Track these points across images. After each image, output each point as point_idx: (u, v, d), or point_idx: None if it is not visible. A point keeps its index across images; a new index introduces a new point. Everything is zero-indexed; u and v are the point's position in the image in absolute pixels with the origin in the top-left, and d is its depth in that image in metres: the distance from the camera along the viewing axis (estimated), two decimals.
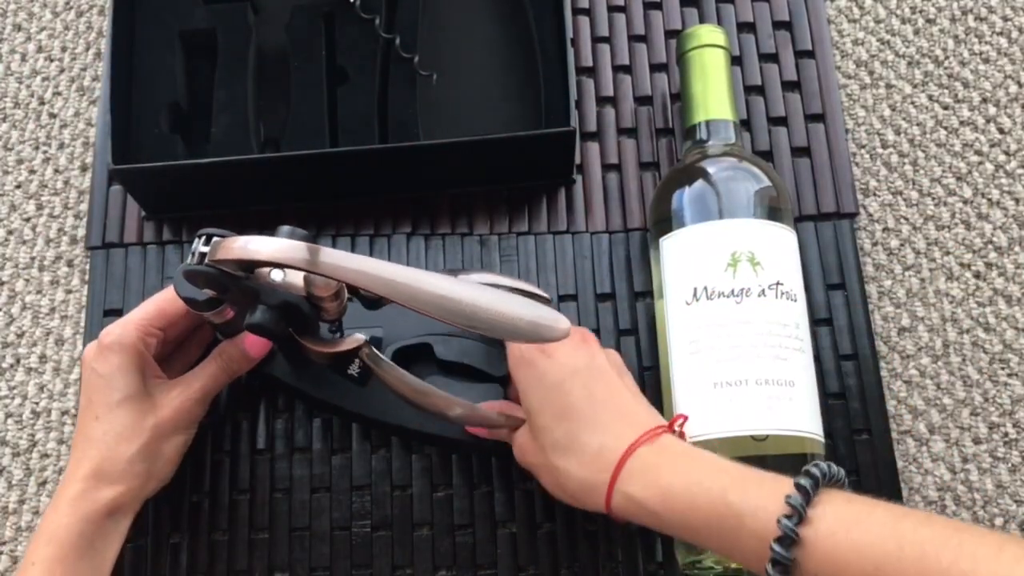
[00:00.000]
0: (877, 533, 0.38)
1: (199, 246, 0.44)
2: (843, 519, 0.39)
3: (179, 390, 0.51)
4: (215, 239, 0.44)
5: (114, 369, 0.49)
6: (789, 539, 0.39)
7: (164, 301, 0.51)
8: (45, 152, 0.65)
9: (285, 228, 0.45)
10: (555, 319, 0.42)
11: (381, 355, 0.49)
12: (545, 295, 0.54)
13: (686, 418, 0.49)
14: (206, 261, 0.44)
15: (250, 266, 0.44)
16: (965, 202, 0.62)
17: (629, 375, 0.50)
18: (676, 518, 0.43)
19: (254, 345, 0.53)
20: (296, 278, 0.45)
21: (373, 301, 0.47)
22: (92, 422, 0.49)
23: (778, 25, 0.66)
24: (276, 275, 0.45)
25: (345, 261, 0.42)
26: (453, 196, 0.62)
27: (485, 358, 0.54)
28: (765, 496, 0.41)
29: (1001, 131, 0.63)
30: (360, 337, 0.48)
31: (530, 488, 0.55)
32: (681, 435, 0.48)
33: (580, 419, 0.46)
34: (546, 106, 0.61)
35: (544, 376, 0.47)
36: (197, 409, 0.52)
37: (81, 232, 0.62)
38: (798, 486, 0.40)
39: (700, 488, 0.42)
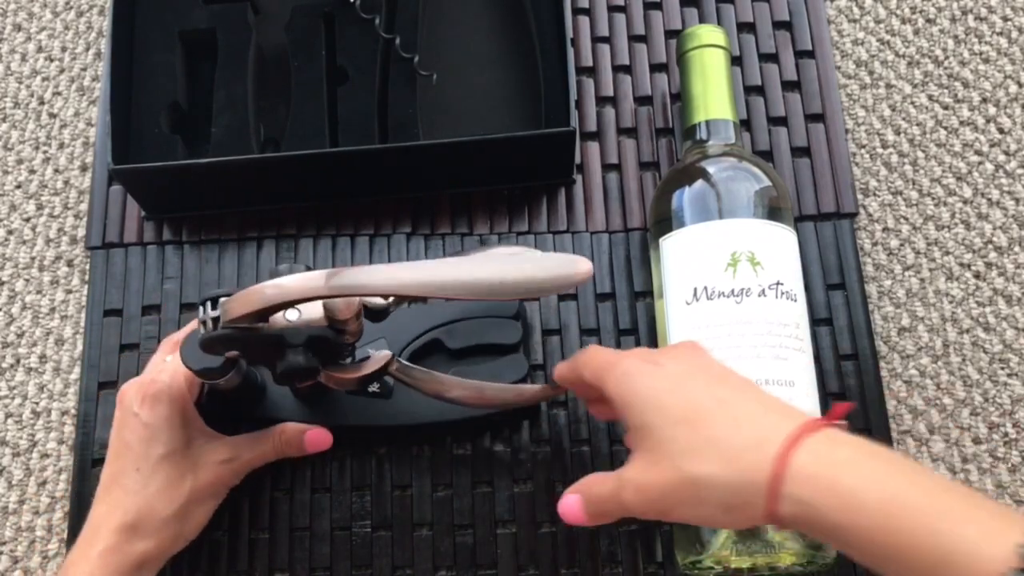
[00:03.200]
0: None
1: (208, 312, 0.44)
2: None
3: (223, 455, 0.50)
4: (221, 300, 0.44)
5: (161, 420, 0.48)
6: None
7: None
8: (45, 152, 0.65)
9: (283, 266, 0.44)
10: (572, 261, 0.40)
11: (411, 364, 0.49)
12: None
13: (852, 406, 0.40)
14: (221, 324, 0.43)
15: (267, 314, 0.43)
16: (965, 202, 0.62)
17: (752, 381, 0.43)
18: (864, 538, 0.35)
19: (313, 442, 0.52)
20: (313, 311, 0.44)
21: (379, 312, 0.47)
22: (132, 472, 0.48)
23: (778, 25, 0.66)
24: (291, 315, 0.44)
25: (366, 276, 0.41)
26: (453, 196, 0.62)
27: (495, 331, 0.55)
28: (990, 535, 0.32)
29: (1001, 131, 0.63)
30: (386, 353, 0.48)
31: (530, 488, 0.55)
32: (847, 428, 0.39)
33: (714, 417, 0.38)
34: (546, 106, 0.61)
35: (655, 382, 0.40)
36: (235, 480, 0.51)
37: (81, 232, 0.62)
38: None
39: (898, 505, 0.34)
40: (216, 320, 0.43)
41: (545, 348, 0.58)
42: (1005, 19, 0.66)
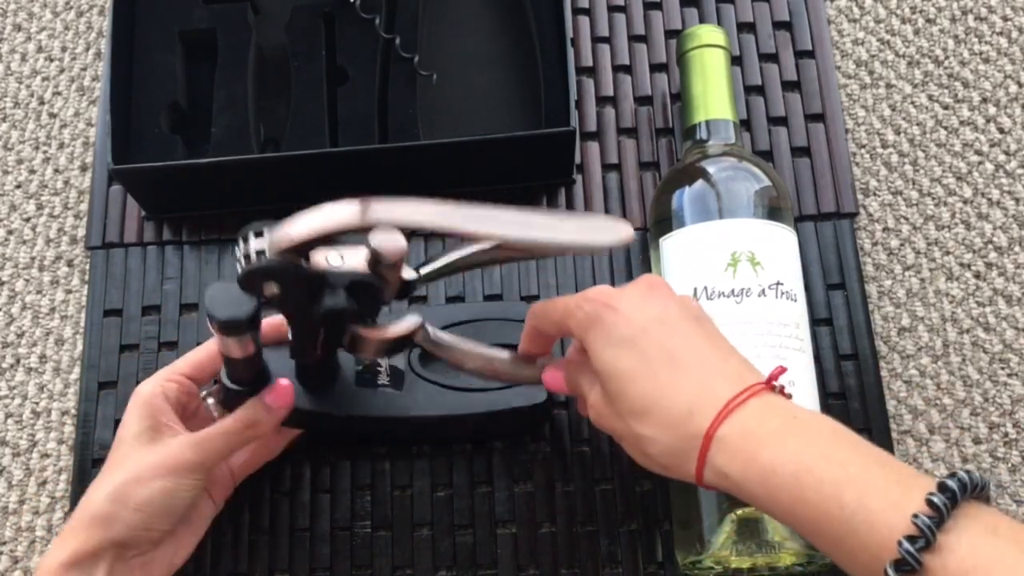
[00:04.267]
0: None
1: (251, 245, 0.41)
2: (982, 554, 0.32)
3: (181, 438, 0.48)
4: (267, 230, 0.41)
5: (124, 421, 0.48)
6: (909, 567, 0.32)
7: (197, 350, 0.50)
8: (45, 152, 0.65)
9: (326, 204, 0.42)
10: (615, 224, 0.40)
11: (439, 331, 0.47)
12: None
13: (784, 370, 0.41)
14: (269, 253, 0.41)
15: (308, 248, 0.42)
16: (965, 202, 0.62)
17: (710, 321, 0.44)
18: (781, 508, 0.37)
19: (277, 396, 0.48)
20: (356, 259, 0.43)
21: (407, 286, 0.45)
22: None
23: (778, 25, 0.66)
24: (334, 260, 0.43)
25: (409, 208, 0.41)
26: (453, 196, 0.61)
27: (515, 334, 0.52)
28: (889, 505, 0.34)
29: (1001, 131, 0.63)
30: (416, 318, 0.46)
31: (530, 488, 0.55)
32: (782, 392, 0.41)
33: (659, 380, 0.40)
34: (546, 106, 0.61)
35: (611, 334, 0.42)
36: (189, 455, 0.46)
37: (81, 232, 0.62)
38: (930, 502, 0.33)
39: (810, 478, 0.36)
40: (260, 254, 0.41)
41: None
42: (1005, 19, 0.66)
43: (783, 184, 0.56)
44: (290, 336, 0.47)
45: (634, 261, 0.60)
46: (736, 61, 0.64)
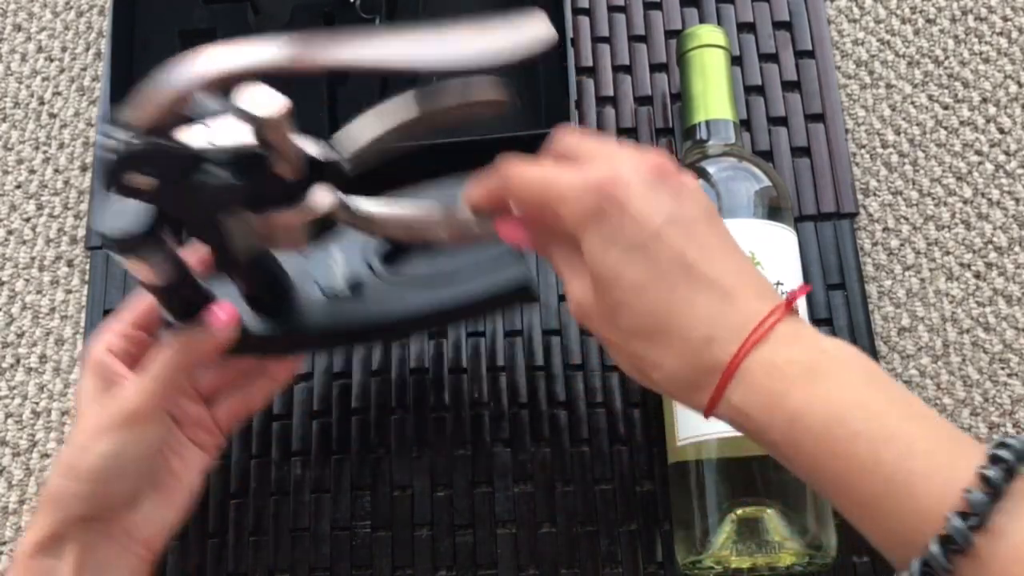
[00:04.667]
0: None
1: (113, 135, 0.35)
2: None
3: (113, 390, 0.43)
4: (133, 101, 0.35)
5: (77, 388, 0.44)
6: (956, 547, 0.28)
7: (137, 296, 0.46)
8: (45, 152, 0.65)
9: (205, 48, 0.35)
10: (525, 23, 0.35)
11: (361, 200, 0.42)
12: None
13: (808, 288, 0.38)
14: (127, 128, 0.35)
15: (170, 127, 0.36)
16: (965, 202, 0.62)
17: (719, 220, 0.38)
18: (802, 459, 0.33)
19: (217, 315, 0.43)
20: (231, 128, 0.37)
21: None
22: None
23: (778, 25, 0.66)
24: (199, 136, 0.37)
25: (267, 44, 0.34)
26: None
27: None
28: (935, 470, 0.30)
29: (1001, 131, 0.63)
30: (327, 195, 0.40)
31: (530, 488, 0.55)
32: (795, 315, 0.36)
33: (673, 296, 0.35)
34: (546, 106, 0.61)
35: (618, 236, 0.36)
36: (121, 404, 0.42)
37: (81, 232, 0.62)
38: (983, 476, 0.29)
39: (843, 430, 0.32)
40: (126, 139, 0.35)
41: (547, 350, 0.58)
42: (1005, 19, 0.66)
43: (783, 184, 0.56)
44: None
45: None
46: (736, 61, 0.64)
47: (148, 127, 0.35)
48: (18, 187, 0.64)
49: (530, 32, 0.37)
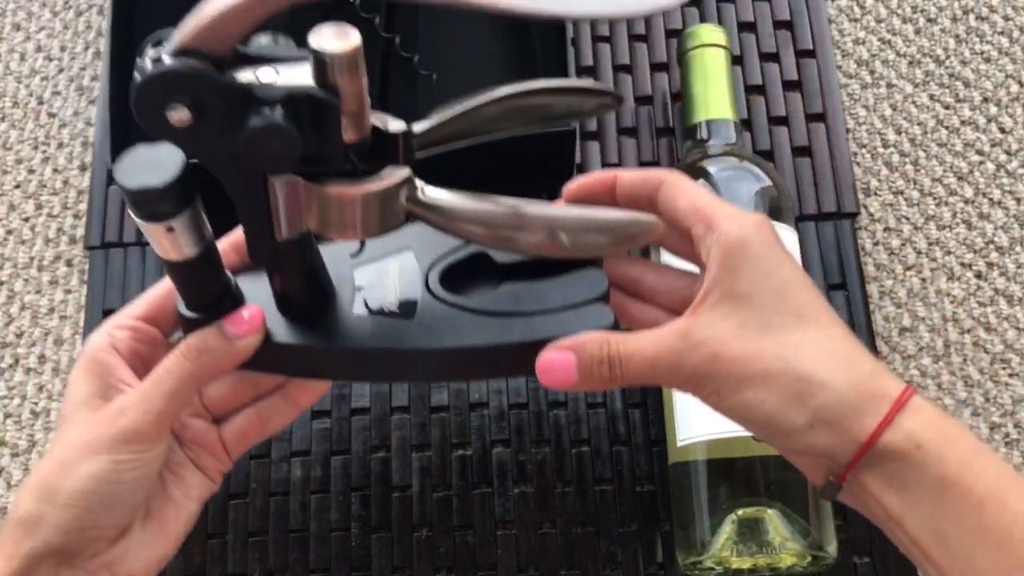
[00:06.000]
0: None
1: (148, 55, 0.31)
2: None
3: (114, 402, 0.37)
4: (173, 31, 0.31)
5: (68, 387, 0.38)
6: None
7: (154, 287, 0.40)
8: (44, 152, 0.65)
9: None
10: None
11: (430, 186, 0.36)
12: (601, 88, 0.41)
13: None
14: (169, 53, 0.31)
15: (232, 52, 0.31)
16: (966, 202, 0.61)
17: None
18: (964, 503, 0.32)
19: (238, 320, 0.37)
20: (299, 73, 0.32)
21: (386, 139, 0.35)
22: None
23: (779, 24, 0.65)
24: (264, 73, 0.32)
25: None
26: None
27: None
28: None
29: (1002, 131, 0.63)
30: (400, 171, 0.35)
31: (530, 489, 0.55)
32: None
33: (832, 331, 0.36)
34: None
35: (779, 270, 0.36)
36: (122, 422, 0.36)
37: (80, 232, 0.62)
38: None
39: (1013, 482, 0.32)
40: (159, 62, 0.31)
41: None
42: (1006, 18, 0.66)
43: (784, 184, 0.56)
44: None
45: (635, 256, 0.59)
46: (737, 61, 0.64)
47: (197, 51, 0.30)
48: (17, 187, 0.64)
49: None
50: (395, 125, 0.35)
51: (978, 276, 0.60)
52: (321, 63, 0.31)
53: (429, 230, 0.37)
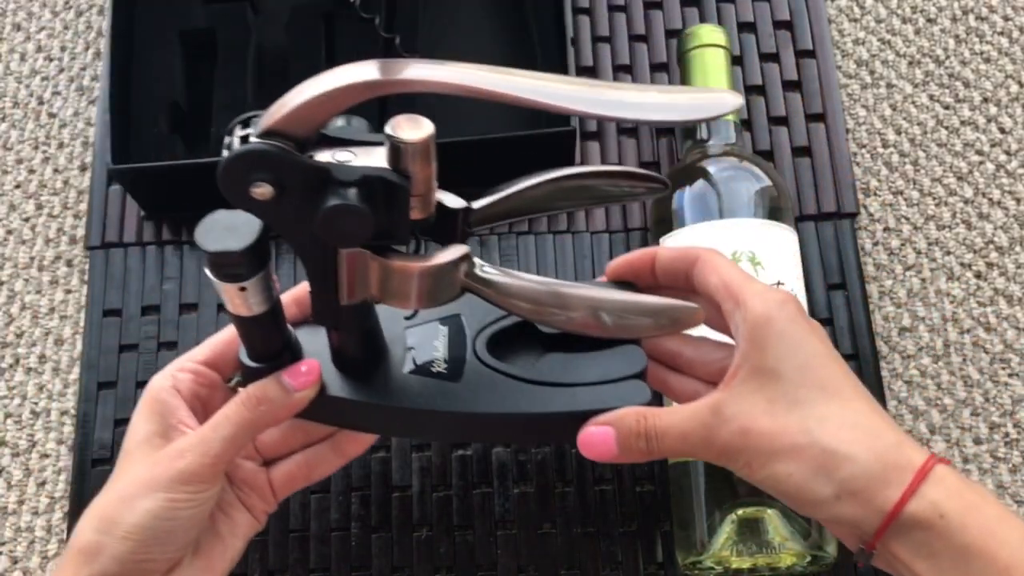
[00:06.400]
0: None
1: (237, 134, 0.34)
2: None
3: (174, 443, 0.40)
4: (258, 115, 0.34)
5: (131, 424, 0.41)
6: None
7: (218, 333, 0.43)
8: (44, 152, 0.65)
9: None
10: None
11: (486, 264, 0.39)
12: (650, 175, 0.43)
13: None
14: (256, 135, 0.33)
15: (311, 137, 0.34)
16: (966, 202, 0.61)
17: None
18: (988, 569, 0.33)
19: (297, 373, 0.40)
20: (373, 156, 0.35)
21: (448, 215, 0.38)
22: None
23: (779, 25, 0.66)
24: (341, 155, 0.34)
25: (474, 70, 0.33)
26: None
27: None
28: None
29: (1002, 131, 0.63)
30: (458, 248, 0.38)
31: (530, 489, 0.55)
32: None
33: (857, 402, 0.37)
34: None
35: (803, 345, 0.38)
36: (180, 463, 0.38)
37: (80, 232, 0.62)
38: None
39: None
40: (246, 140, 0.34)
41: None
42: (1006, 19, 0.66)
43: (784, 184, 0.56)
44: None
45: None
46: (736, 61, 0.64)
47: (282, 132, 0.33)
48: (17, 187, 0.64)
49: (714, 99, 0.35)
50: (454, 202, 0.38)
51: (978, 276, 0.60)
52: (396, 149, 0.34)
53: (476, 303, 0.40)
